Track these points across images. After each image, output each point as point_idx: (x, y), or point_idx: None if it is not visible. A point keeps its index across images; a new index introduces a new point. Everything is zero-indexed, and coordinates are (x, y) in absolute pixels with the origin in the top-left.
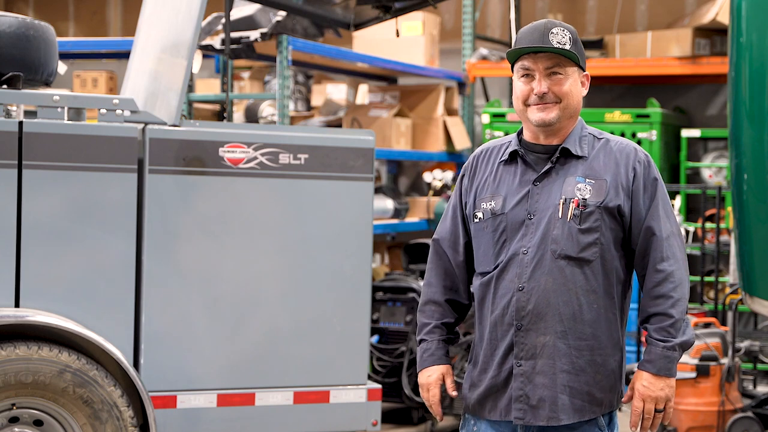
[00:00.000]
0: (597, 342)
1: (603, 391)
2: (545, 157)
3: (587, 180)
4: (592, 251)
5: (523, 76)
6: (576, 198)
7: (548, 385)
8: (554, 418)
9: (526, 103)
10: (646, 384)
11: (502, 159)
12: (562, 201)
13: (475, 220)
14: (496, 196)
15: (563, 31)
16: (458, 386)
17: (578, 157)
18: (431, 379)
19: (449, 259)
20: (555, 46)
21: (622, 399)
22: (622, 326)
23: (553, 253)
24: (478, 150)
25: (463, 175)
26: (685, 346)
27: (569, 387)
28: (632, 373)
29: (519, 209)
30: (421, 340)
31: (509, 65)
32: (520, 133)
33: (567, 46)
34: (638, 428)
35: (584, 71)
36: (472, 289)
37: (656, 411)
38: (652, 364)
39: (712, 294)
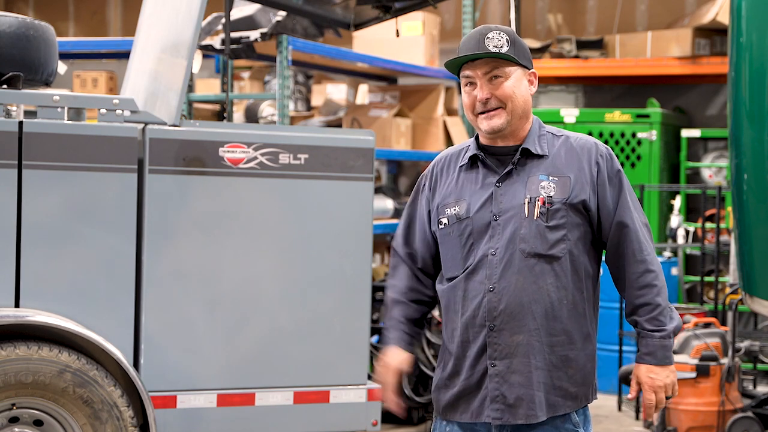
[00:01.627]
0: (568, 337)
1: (576, 386)
2: (505, 159)
3: (551, 178)
4: (560, 248)
5: (466, 85)
6: (541, 196)
7: (524, 384)
8: (532, 415)
9: (474, 113)
10: (652, 376)
11: (462, 164)
12: (527, 200)
13: (441, 227)
14: (459, 201)
15: (499, 33)
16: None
17: (539, 156)
18: (390, 364)
19: (410, 266)
20: (491, 50)
21: (629, 396)
22: (593, 320)
23: (523, 252)
24: (436, 158)
25: (423, 184)
26: (676, 331)
27: (544, 384)
28: (628, 372)
29: (484, 212)
30: (389, 326)
31: None
32: (477, 137)
33: (504, 49)
34: (653, 417)
35: (530, 69)
36: (438, 293)
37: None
38: (652, 356)
39: (712, 294)
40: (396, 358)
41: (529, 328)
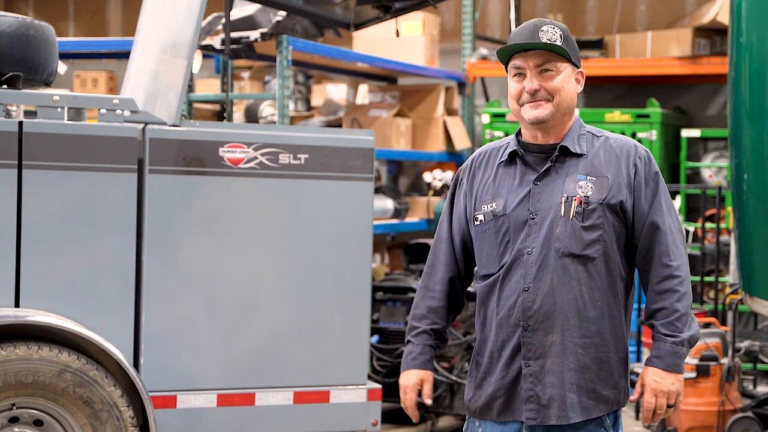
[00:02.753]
0: (601, 339)
1: (608, 388)
2: (544, 157)
3: (588, 177)
4: (595, 248)
5: (515, 75)
6: (578, 196)
7: (557, 384)
8: (564, 416)
9: (519, 103)
10: (657, 379)
11: (501, 160)
12: (564, 199)
13: (476, 223)
14: (497, 198)
15: (553, 28)
16: (458, 386)
17: (578, 155)
18: (409, 382)
19: (447, 262)
20: (545, 42)
21: (630, 397)
22: (626, 323)
23: (557, 252)
24: (475, 153)
25: (461, 179)
26: (692, 341)
27: (576, 385)
28: (634, 372)
29: (521, 209)
30: (408, 341)
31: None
32: (518, 134)
33: (557, 43)
34: (649, 423)
35: (578, 68)
36: (473, 291)
37: (667, 406)
38: (661, 359)
39: (712, 294)
40: (413, 379)
41: (562, 328)
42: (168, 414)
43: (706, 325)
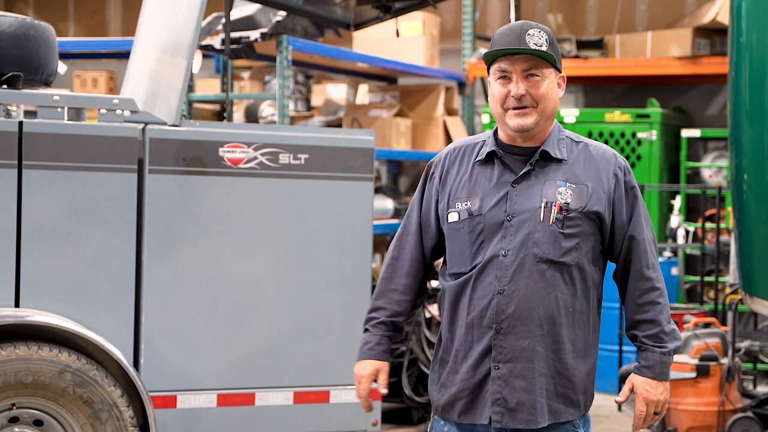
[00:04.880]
0: (573, 345)
1: (578, 394)
2: (523, 159)
3: (568, 184)
4: (572, 256)
5: (500, 78)
6: (558, 202)
7: (527, 389)
8: (533, 421)
9: (504, 107)
10: (648, 389)
11: (478, 159)
12: (543, 204)
13: (450, 221)
14: (472, 197)
15: (540, 32)
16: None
17: (557, 161)
18: (365, 372)
19: (413, 256)
20: (532, 47)
21: (619, 398)
22: (597, 330)
23: (535, 257)
24: (449, 147)
25: (432, 172)
26: (677, 351)
27: (547, 390)
28: (628, 373)
29: (497, 211)
30: (365, 330)
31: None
32: (495, 133)
33: (544, 48)
34: (638, 429)
35: (560, 72)
36: (441, 288)
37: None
38: (650, 369)
39: (712, 294)
40: (369, 368)
41: (535, 333)
42: (168, 414)
43: (706, 325)
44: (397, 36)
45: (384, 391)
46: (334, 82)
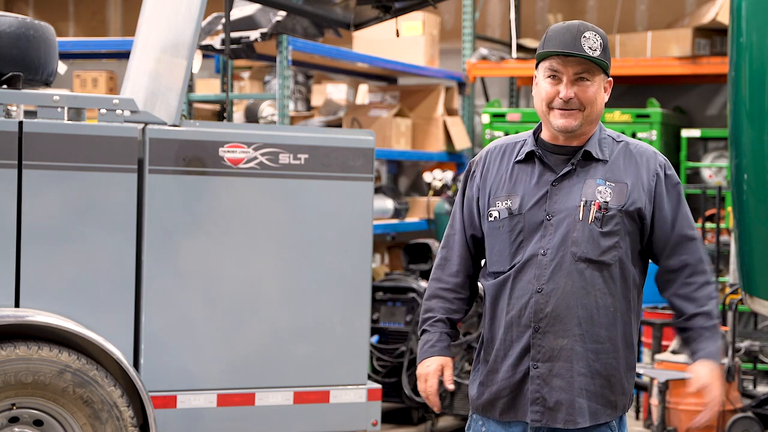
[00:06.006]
0: (612, 345)
1: (616, 394)
2: (564, 158)
3: (608, 183)
4: (611, 255)
5: (549, 77)
6: (597, 201)
7: (565, 388)
8: (571, 421)
9: (549, 106)
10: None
11: (518, 158)
12: (582, 203)
13: (490, 219)
14: (512, 196)
15: (595, 36)
16: (458, 386)
17: (599, 161)
18: (430, 369)
19: (462, 254)
20: (587, 51)
21: (692, 390)
22: (636, 329)
23: (573, 256)
24: (490, 146)
25: (473, 171)
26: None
27: (586, 390)
28: (638, 373)
29: (537, 210)
30: (424, 331)
31: (509, 65)
32: (536, 132)
33: (597, 53)
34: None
35: (608, 77)
36: (481, 288)
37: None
38: (714, 356)
39: None
40: (434, 365)
41: (573, 333)
42: (168, 414)
43: None
44: (397, 36)
45: (450, 386)
46: (334, 82)
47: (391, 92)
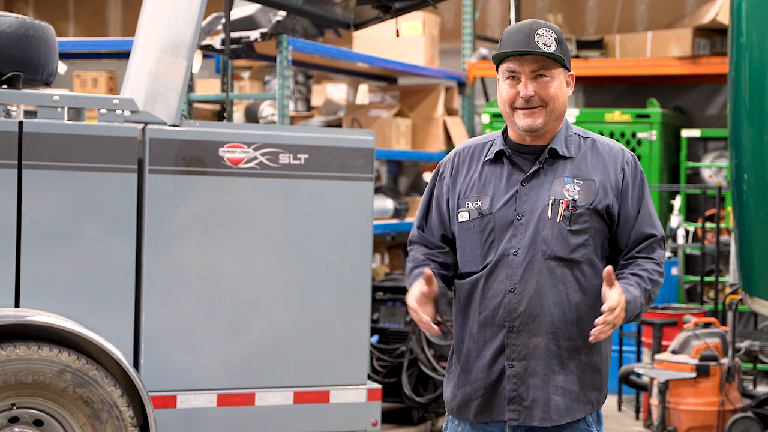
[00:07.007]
0: (584, 342)
1: (591, 390)
2: (532, 158)
3: (575, 181)
4: (581, 252)
5: (508, 78)
6: (565, 199)
7: (540, 386)
8: (547, 418)
9: (512, 107)
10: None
11: (487, 159)
12: (551, 202)
13: (461, 220)
14: (482, 196)
15: (549, 32)
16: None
17: (565, 158)
18: (415, 291)
19: (436, 233)
20: (541, 48)
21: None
22: None
23: (544, 254)
24: (458, 147)
25: (442, 172)
26: (648, 305)
27: (560, 387)
28: (634, 372)
29: (507, 209)
30: (412, 269)
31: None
32: (504, 133)
33: (553, 48)
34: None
35: (569, 71)
36: (454, 288)
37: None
38: (630, 295)
39: (712, 294)
40: (418, 287)
41: (547, 331)
42: (168, 414)
43: (706, 325)
44: (397, 36)
45: (435, 288)
46: (334, 82)
47: (391, 92)
